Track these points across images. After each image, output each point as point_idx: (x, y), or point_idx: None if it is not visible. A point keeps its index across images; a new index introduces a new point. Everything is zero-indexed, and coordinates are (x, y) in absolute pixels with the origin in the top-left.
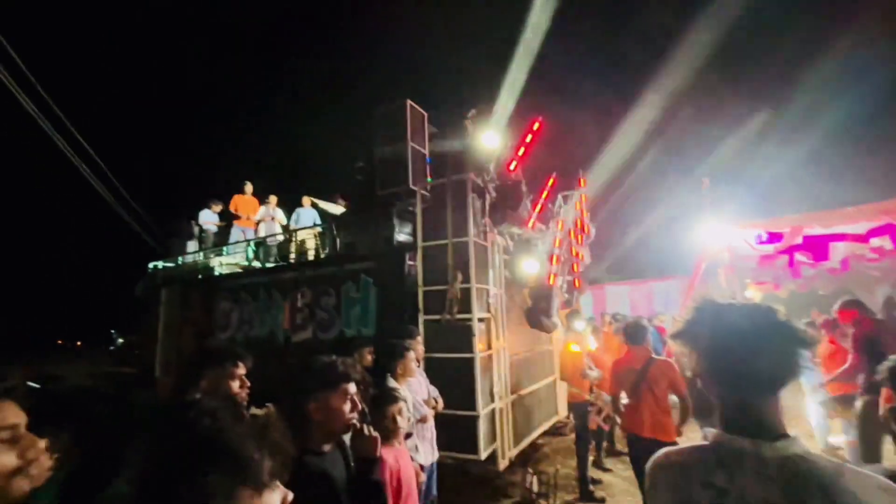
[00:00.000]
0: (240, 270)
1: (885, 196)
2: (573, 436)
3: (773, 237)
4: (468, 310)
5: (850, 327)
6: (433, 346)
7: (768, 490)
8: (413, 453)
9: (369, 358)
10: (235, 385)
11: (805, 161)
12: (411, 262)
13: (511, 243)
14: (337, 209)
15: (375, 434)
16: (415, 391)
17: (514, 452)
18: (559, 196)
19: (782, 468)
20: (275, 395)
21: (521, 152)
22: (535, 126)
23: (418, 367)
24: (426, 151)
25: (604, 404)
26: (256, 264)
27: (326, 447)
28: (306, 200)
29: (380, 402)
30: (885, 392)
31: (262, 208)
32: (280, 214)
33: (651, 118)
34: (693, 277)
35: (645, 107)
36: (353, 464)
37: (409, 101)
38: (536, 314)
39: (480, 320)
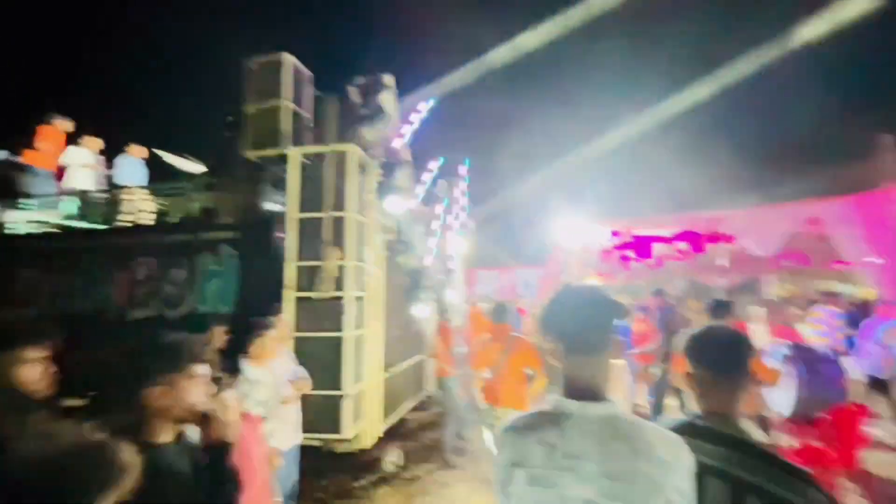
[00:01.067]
0: (54, 230)
1: (687, 208)
2: (440, 409)
3: (614, 234)
4: (343, 288)
5: (657, 311)
6: (304, 325)
7: (587, 443)
8: (269, 438)
9: (224, 338)
10: (31, 373)
11: (641, 173)
12: (282, 234)
13: (392, 222)
14: (191, 167)
15: (226, 418)
16: (276, 373)
17: (381, 429)
18: (444, 181)
19: (599, 425)
20: (102, 381)
21: (410, 130)
22: (427, 105)
23: (284, 346)
24: (307, 115)
25: (469, 379)
26: (77, 224)
27: (169, 437)
28: (135, 149)
29: None
30: (677, 359)
31: (74, 150)
32: (101, 163)
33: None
34: (550, 267)
35: (530, 108)
36: (202, 451)
37: (289, 56)
38: (412, 294)
39: (358, 299)
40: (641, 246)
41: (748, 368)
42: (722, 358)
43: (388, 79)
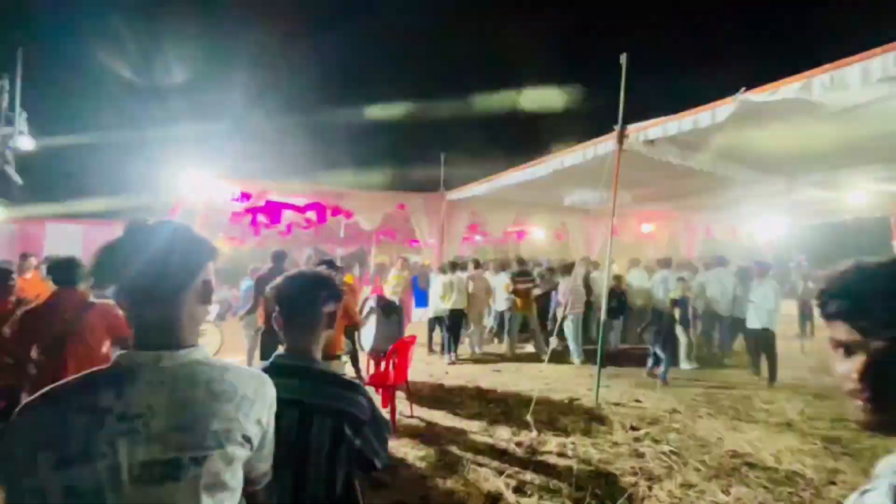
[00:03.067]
0: None
1: (316, 180)
2: None
3: (245, 196)
4: None
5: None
6: None
7: (157, 396)
8: None
9: None
10: None
11: (275, 137)
12: None
13: None
14: None
15: None
16: None
17: None
18: None
19: (177, 373)
20: None
21: None
22: None
23: None
24: None
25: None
26: None
27: None
28: None
29: None
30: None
31: None
32: None
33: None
34: None
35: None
36: None
37: None
38: None
39: None
40: (273, 212)
41: (320, 311)
42: (294, 302)
43: None
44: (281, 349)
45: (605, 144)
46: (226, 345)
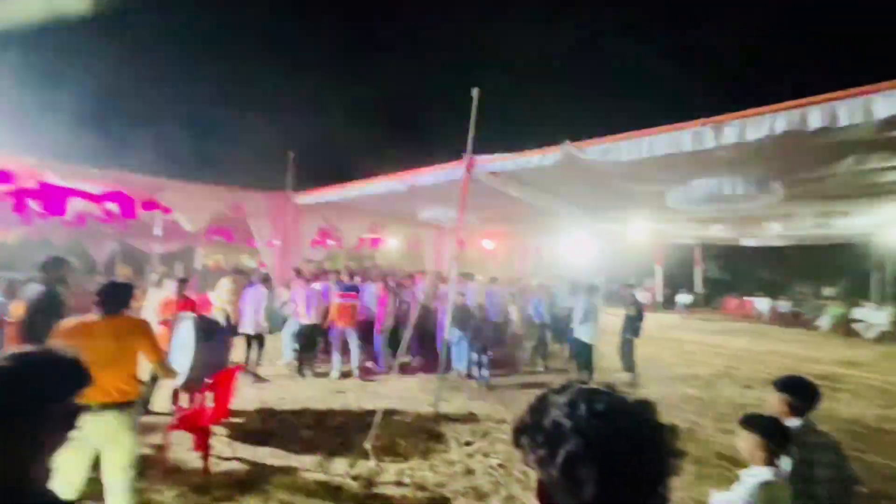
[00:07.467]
0: None
1: (120, 166)
2: None
3: (3, 176)
4: None
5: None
6: None
7: None
8: None
9: None
10: None
11: (64, 108)
12: None
13: None
14: None
15: None
16: None
17: None
18: None
19: None
20: None
21: None
22: None
23: None
24: None
25: None
26: None
27: None
28: None
29: None
30: None
31: None
32: None
33: None
34: None
35: None
36: None
37: None
38: None
39: None
40: (51, 198)
41: (39, 413)
42: None
43: None
44: None
45: (455, 170)
46: None
